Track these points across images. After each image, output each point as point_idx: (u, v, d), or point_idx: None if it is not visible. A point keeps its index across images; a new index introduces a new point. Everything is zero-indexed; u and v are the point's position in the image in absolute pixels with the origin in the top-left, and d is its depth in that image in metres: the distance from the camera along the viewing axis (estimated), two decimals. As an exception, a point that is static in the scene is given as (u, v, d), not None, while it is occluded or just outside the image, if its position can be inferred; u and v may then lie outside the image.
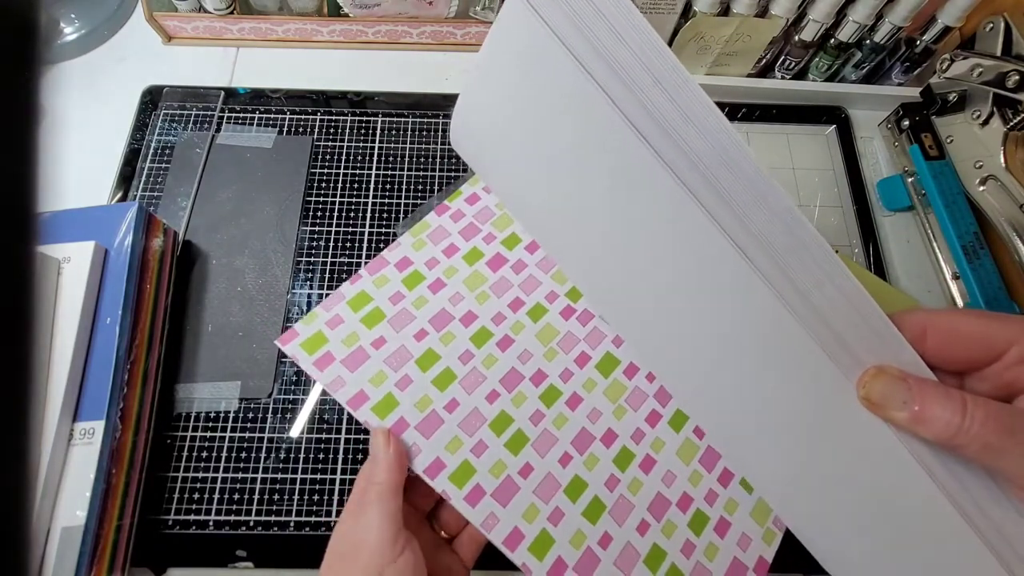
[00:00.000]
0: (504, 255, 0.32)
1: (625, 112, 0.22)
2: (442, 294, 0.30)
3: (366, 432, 0.35)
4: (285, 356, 0.37)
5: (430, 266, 0.31)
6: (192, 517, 0.33)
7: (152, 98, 0.44)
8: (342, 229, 0.41)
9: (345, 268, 0.40)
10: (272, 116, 0.44)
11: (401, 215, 0.42)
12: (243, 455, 0.35)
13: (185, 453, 0.34)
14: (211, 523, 0.33)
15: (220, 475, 0.34)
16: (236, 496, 0.34)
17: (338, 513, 0.34)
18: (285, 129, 0.44)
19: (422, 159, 0.44)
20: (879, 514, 0.23)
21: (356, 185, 0.42)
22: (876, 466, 0.22)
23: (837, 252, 0.40)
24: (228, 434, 0.35)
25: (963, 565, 0.21)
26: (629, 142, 0.22)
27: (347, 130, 0.44)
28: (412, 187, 0.43)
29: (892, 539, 0.23)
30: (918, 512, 0.22)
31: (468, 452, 0.27)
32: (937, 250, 0.42)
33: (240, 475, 0.34)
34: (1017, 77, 0.36)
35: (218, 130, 0.43)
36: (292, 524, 0.33)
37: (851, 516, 0.24)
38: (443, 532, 0.28)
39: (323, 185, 0.42)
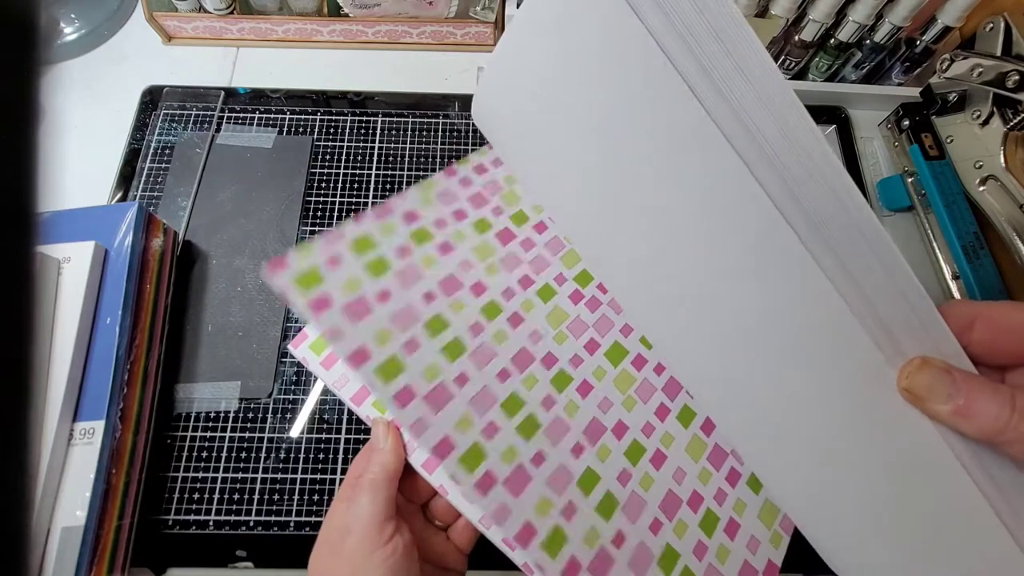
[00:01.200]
0: (513, 230, 0.30)
1: (680, 69, 0.20)
2: (451, 258, 0.28)
3: (367, 431, 0.35)
4: (285, 356, 0.37)
5: (439, 226, 0.29)
6: (192, 517, 0.33)
7: (152, 98, 0.44)
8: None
9: (345, 268, 0.40)
10: (272, 116, 0.44)
11: (401, 215, 0.42)
12: (243, 455, 0.34)
13: (185, 453, 0.34)
14: (211, 523, 0.33)
15: (220, 475, 0.34)
16: (236, 496, 0.34)
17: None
18: (285, 129, 0.44)
19: (422, 159, 0.44)
20: (905, 510, 0.22)
21: (356, 185, 0.42)
22: (907, 461, 0.21)
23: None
24: (228, 434, 0.35)
25: (993, 567, 0.21)
26: (684, 100, 0.20)
27: (347, 130, 0.44)
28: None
29: (917, 537, 0.22)
30: (950, 510, 0.21)
31: (479, 433, 0.24)
32: (937, 250, 0.42)
33: (240, 475, 0.34)
34: (1017, 77, 0.36)
35: (218, 130, 0.43)
36: (292, 524, 0.33)
37: (873, 512, 0.23)
38: (437, 522, 0.28)
39: (323, 185, 0.42)
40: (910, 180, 0.43)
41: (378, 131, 0.45)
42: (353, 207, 0.42)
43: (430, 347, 0.25)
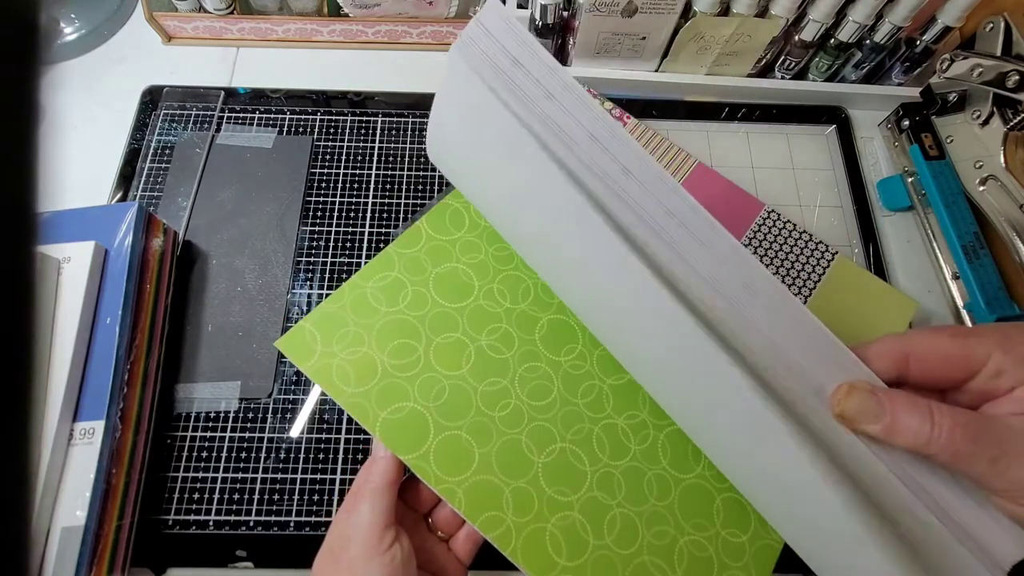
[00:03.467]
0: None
1: (565, 163, 0.23)
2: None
3: (366, 432, 0.35)
4: (285, 356, 0.37)
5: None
6: (192, 517, 0.33)
7: (152, 98, 0.44)
8: (342, 229, 0.41)
9: (345, 268, 0.40)
10: (272, 116, 0.44)
11: (401, 215, 0.42)
12: (243, 455, 0.35)
13: (185, 453, 0.34)
14: (211, 523, 0.33)
15: (220, 475, 0.34)
16: (236, 496, 0.34)
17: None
18: (285, 129, 0.44)
19: (422, 159, 0.44)
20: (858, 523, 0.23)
21: (356, 185, 0.42)
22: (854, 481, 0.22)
23: (836, 253, 0.40)
24: (228, 434, 0.35)
25: (943, 562, 0.21)
26: (571, 196, 0.23)
27: (347, 130, 0.44)
28: (412, 187, 0.43)
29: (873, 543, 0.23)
30: (895, 518, 0.22)
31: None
32: (937, 250, 0.42)
33: (240, 475, 0.34)
34: (1017, 77, 0.36)
35: (218, 130, 0.43)
36: (292, 524, 0.33)
37: (832, 528, 0.24)
38: (440, 532, 0.28)
39: (323, 185, 0.42)
40: (910, 180, 0.43)
41: (378, 131, 0.45)
42: (353, 207, 0.42)
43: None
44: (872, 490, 0.22)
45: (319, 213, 0.41)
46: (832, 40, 0.43)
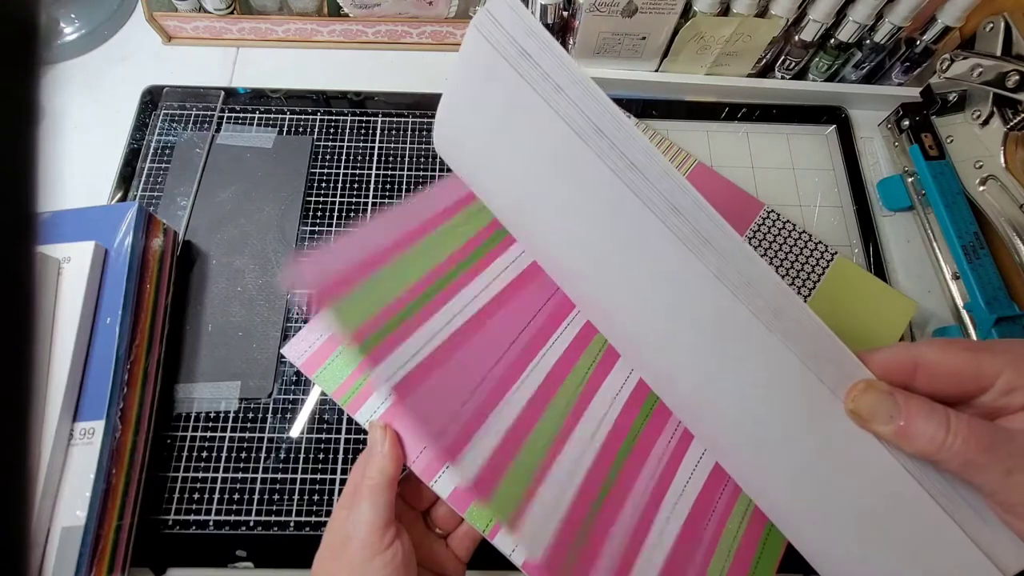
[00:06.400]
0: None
1: (599, 153, 0.23)
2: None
3: (366, 432, 0.35)
4: (285, 356, 0.37)
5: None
6: (192, 517, 0.33)
7: (152, 98, 0.44)
8: (342, 229, 0.41)
9: (345, 268, 0.40)
10: (272, 116, 0.44)
11: (401, 215, 0.42)
12: (243, 455, 0.35)
13: (185, 453, 0.34)
14: (211, 523, 0.33)
15: (220, 475, 0.34)
16: (236, 496, 0.34)
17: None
18: (285, 129, 0.44)
19: (422, 159, 0.44)
20: (868, 516, 0.23)
21: (356, 185, 0.42)
22: (863, 472, 0.22)
23: (836, 253, 0.40)
24: (228, 434, 0.35)
25: (954, 566, 0.21)
26: (606, 178, 0.23)
27: (347, 130, 0.44)
28: (412, 187, 0.43)
29: (884, 543, 0.23)
30: (905, 516, 0.22)
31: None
32: (937, 250, 0.42)
33: (240, 475, 0.34)
34: (1017, 77, 0.36)
35: (218, 130, 0.43)
36: (292, 524, 0.33)
37: (841, 520, 0.24)
38: (438, 529, 0.28)
39: (323, 185, 0.42)
40: (910, 180, 0.43)
41: (378, 131, 0.45)
42: (353, 207, 0.42)
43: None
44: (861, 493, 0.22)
45: (319, 213, 0.41)
46: (832, 40, 0.43)
